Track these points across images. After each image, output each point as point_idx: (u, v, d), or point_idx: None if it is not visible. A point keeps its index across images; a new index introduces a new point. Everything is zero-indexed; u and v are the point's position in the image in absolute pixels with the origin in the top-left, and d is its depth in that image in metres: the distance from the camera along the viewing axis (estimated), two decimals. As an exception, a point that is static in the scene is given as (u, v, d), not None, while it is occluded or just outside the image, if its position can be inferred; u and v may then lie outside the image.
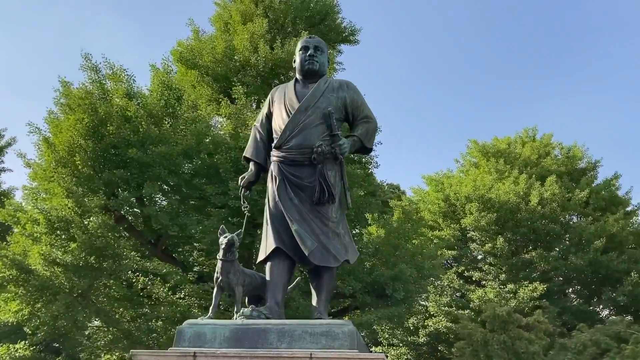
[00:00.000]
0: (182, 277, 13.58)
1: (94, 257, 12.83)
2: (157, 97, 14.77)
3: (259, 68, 17.60)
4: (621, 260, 26.05)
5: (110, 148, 13.87)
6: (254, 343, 6.56)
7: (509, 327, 14.86)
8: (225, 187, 13.60)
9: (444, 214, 28.87)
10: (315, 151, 7.52)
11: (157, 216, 13.39)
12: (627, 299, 24.60)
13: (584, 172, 32.41)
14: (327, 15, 22.12)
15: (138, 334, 13.84)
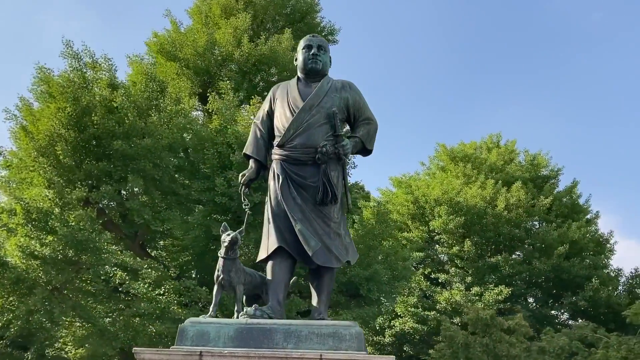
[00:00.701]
0: (163, 273, 13.30)
1: (73, 250, 12.42)
2: (141, 88, 14.41)
3: (242, 63, 17.40)
4: (582, 266, 26.86)
5: (92, 139, 13.45)
6: (260, 343, 6.49)
7: (492, 330, 15.15)
8: (211, 183, 13.39)
9: (412, 215, 29.19)
10: (319, 151, 7.50)
11: (139, 211, 13.06)
12: (587, 303, 25.36)
13: (547, 180, 33.26)
14: (308, 13, 22.09)
15: (114, 330, 13.49)
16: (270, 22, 20.94)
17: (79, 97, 13.36)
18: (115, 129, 13.13)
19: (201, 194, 13.51)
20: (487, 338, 14.94)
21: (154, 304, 12.75)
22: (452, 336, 15.56)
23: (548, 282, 27.62)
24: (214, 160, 13.59)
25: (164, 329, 12.87)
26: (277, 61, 17.68)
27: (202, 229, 13.21)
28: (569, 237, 27.66)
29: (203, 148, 13.77)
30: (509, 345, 14.41)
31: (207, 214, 13.30)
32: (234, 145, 13.49)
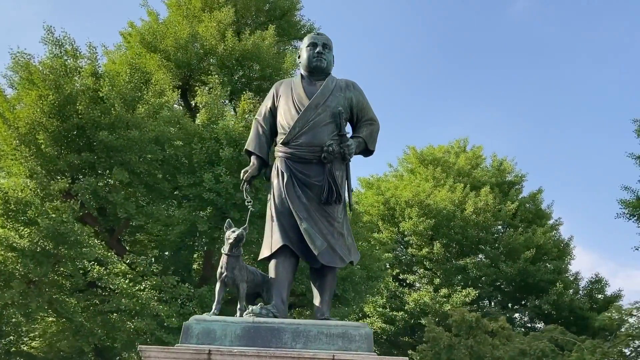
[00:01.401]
0: (145, 268, 12.99)
1: (53, 243, 11.98)
2: (125, 79, 14.02)
3: (225, 57, 17.17)
4: (547, 271, 27.56)
5: (75, 129, 13.00)
6: (267, 342, 6.42)
7: (476, 332, 15.38)
8: (197, 178, 13.13)
9: (382, 217, 29.40)
10: (325, 150, 7.48)
11: (123, 204, 12.70)
12: (551, 307, 26.02)
13: (512, 185, 33.99)
14: (289, 10, 21.98)
15: (90, 326, 13.07)
16: (251, 18, 20.74)
17: (62, 85, 12.91)
18: (101, 119, 12.73)
19: (187, 189, 13.25)
20: (471, 340, 15.18)
21: (134, 300, 12.44)
22: (435, 337, 15.74)
23: (513, 285, 28.21)
24: (202, 155, 13.34)
25: (144, 325, 12.57)
26: (261, 58, 17.53)
27: (186, 224, 12.97)
28: (535, 242, 28.34)
29: (190, 142, 13.50)
30: (492, 347, 14.69)
31: (192, 209, 13.05)
32: (223, 140, 13.29)
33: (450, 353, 14.96)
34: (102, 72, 13.73)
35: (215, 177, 12.85)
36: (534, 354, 14.64)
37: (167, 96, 14.53)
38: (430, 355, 15.11)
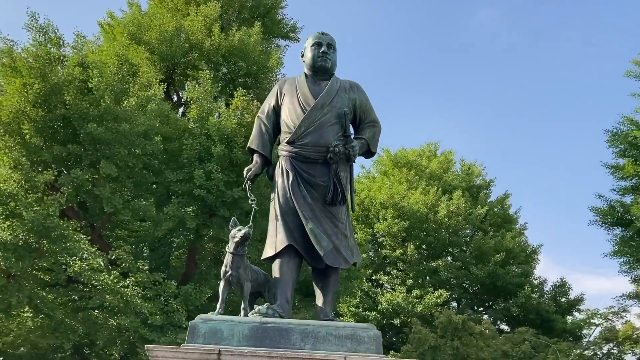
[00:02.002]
0: (132, 264, 12.70)
1: (36, 237, 11.56)
2: (113, 70, 13.66)
3: (211, 53, 16.93)
4: (515, 274, 28.13)
5: (61, 120, 12.59)
6: (276, 342, 6.37)
7: (461, 334, 15.58)
8: (186, 175, 12.88)
9: (357, 217, 29.52)
10: (331, 150, 7.45)
11: (109, 198, 12.36)
12: (519, 309, 26.57)
13: (480, 189, 34.58)
14: (273, 8, 21.85)
15: (71, 323, 12.68)
16: (234, 14, 20.51)
17: (48, 74, 12.50)
18: (89, 111, 12.37)
19: (176, 185, 13.00)
20: (457, 341, 15.37)
21: (118, 296, 12.13)
22: (421, 339, 15.88)
23: (483, 288, 28.70)
24: (192, 151, 13.11)
25: (128, 322, 12.28)
26: (247, 54, 17.34)
27: (174, 220, 12.74)
28: (504, 246, 28.89)
29: (179, 137, 13.25)
30: (477, 348, 14.91)
31: (181, 205, 12.82)
32: (215, 137, 13.09)
33: (435, 354, 15.14)
34: (89, 62, 13.35)
35: (206, 173, 12.66)
36: (515, 356, 14.94)
37: (154, 89, 14.23)
38: (415, 355, 15.26)
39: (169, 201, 13.39)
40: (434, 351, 15.22)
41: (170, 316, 12.70)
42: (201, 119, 13.58)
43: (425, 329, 16.23)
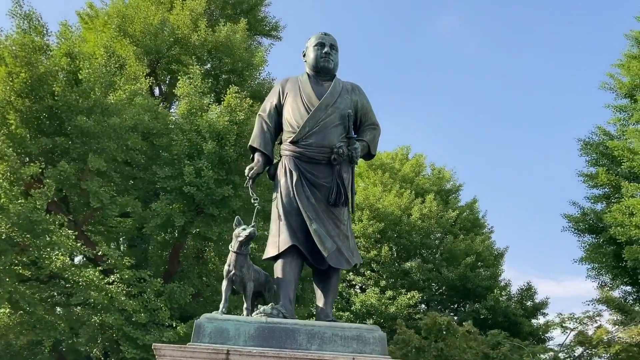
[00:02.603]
0: (118, 261, 12.43)
1: (20, 230, 11.17)
2: (101, 62, 13.32)
3: (197, 48, 16.71)
4: (484, 277, 28.64)
5: (48, 111, 12.22)
6: (282, 343, 6.38)
7: (445, 336, 15.78)
8: (175, 171, 12.67)
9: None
10: (335, 152, 7.49)
11: (97, 193, 12.06)
12: (488, 312, 27.03)
13: (450, 193, 35.11)
14: (256, 5, 21.72)
15: (52, 319, 12.31)
16: (218, 10, 20.30)
17: (34, 63, 12.12)
18: (79, 103, 12.04)
19: (164, 181, 12.79)
20: (441, 343, 15.59)
21: (103, 293, 11.84)
22: (405, 340, 16.04)
23: (453, 290, 29.13)
24: (182, 147, 12.91)
25: (112, 320, 12.02)
26: (233, 51, 17.16)
27: (162, 217, 12.55)
28: (474, 249, 29.38)
29: (168, 133, 13.04)
30: (460, 350, 15.15)
31: (169, 202, 12.62)
32: (206, 133, 12.93)
33: (419, 355, 15.31)
34: (77, 53, 13.00)
35: (197, 170, 12.51)
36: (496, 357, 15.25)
37: (140, 83, 13.95)
38: (399, 356, 15.39)
39: (155, 197, 13.18)
40: (418, 352, 15.42)
41: (154, 314, 12.51)
42: (190, 115, 13.41)
43: (410, 331, 16.41)
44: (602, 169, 18.33)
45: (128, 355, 12.04)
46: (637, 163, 16.69)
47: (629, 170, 17.23)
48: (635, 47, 21.13)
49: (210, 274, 14.73)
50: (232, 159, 12.87)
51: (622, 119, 19.99)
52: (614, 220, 16.36)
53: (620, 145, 17.65)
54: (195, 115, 13.37)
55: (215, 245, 14.22)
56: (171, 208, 12.36)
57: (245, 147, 13.32)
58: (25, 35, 12.82)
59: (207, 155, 12.48)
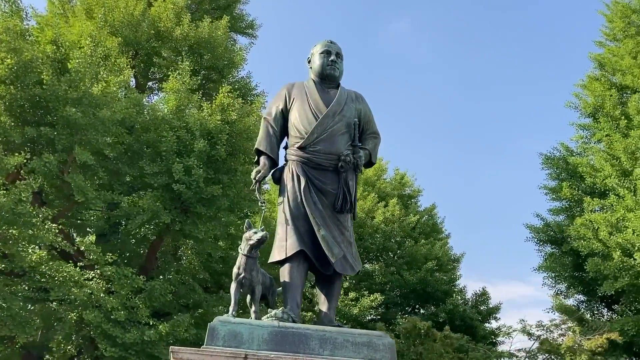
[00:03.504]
0: (100, 257, 12.14)
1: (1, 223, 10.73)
2: (87, 51, 12.92)
3: (179, 42, 16.48)
4: (443, 282, 29.36)
5: (34, 99, 11.77)
6: (295, 347, 6.53)
7: (425, 341, 16.08)
8: (162, 167, 12.46)
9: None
10: (343, 159, 7.70)
11: (81, 186, 11.72)
12: (446, 316, 27.70)
13: (410, 198, 35.80)
14: (234, 2, 21.58)
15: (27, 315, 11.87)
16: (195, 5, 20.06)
17: (20, 49, 11.66)
18: (67, 93, 11.66)
19: (151, 178, 12.57)
20: (420, 347, 15.89)
21: (83, 289, 11.53)
22: None
23: (413, 293, 29.71)
24: (172, 144, 12.71)
25: (92, 317, 11.72)
26: (216, 48, 17.00)
27: (148, 214, 12.35)
28: (434, 254, 30.07)
29: (156, 128, 12.84)
30: (438, 354, 15.50)
31: (155, 199, 12.41)
32: (196, 131, 12.79)
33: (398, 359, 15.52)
34: (63, 41, 12.58)
35: (186, 168, 12.38)
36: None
37: (124, 75, 13.63)
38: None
39: (140, 193, 12.95)
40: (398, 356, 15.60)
41: (134, 311, 12.31)
42: (179, 111, 13.24)
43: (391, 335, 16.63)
44: (565, 183, 19.16)
45: (107, 353, 11.81)
46: (599, 180, 17.55)
47: (591, 186, 18.09)
48: (597, 69, 22.18)
49: (185, 272, 14.61)
50: (221, 159, 12.82)
51: (584, 137, 20.98)
52: (577, 233, 17.16)
53: (584, 162, 18.50)
54: (183, 112, 13.21)
55: (196, 243, 14.09)
56: (158, 205, 12.21)
57: (236, 147, 13.38)
58: (8, 19, 12.36)
59: (197, 154, 12.39)
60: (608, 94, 19.40)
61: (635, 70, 19.08)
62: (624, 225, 15.81)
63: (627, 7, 23.18)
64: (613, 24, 23.84)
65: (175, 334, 12.18)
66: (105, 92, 12.14)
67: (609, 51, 22.89)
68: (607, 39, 24.28)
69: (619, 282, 15.38)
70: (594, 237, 16.45)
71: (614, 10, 23.89)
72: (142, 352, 12.05)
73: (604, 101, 19.24)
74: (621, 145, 16.42)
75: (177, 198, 12.68)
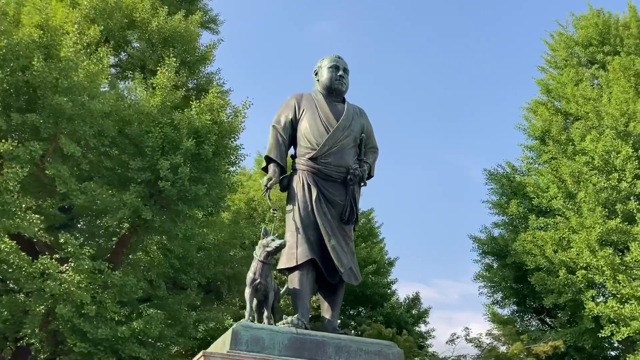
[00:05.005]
0: (77, 250, 11.68)
1: None
2: (73, 39, 12.35)
3: (153, 34, 16.06)
4: (381, 285, 30.29)
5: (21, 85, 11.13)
6: (313, 354, 6.85)
7: None
8: (147, 163, 12.15)
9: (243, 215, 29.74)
10: (352, 172, 8.11)
11: (65, 178, 11.21)
12: (383, 318, 28.60)
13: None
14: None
15: None
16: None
17: (8, 31, 11.03)
18: (58, 82, 11.13)
19: (134, 173, 12.25)
20: None
21: (57, 282, 11.05)
22: None
23: (352, 295, 30.41)
24: (158, 141, 12.43)
25: (66, 311, 11.29)
26: (190, 43, 16.69)
27: (130, 209, 12.03)
28: (373, 257, 30.96)
29: (141, 123, 12.51)
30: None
31: (137, 195, 12.10)
32: (184, 129, 12.57)
33: None
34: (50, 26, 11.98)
35: (173, 166, 12.18)
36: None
37: (104, 64, 13.13)
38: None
39: (121, 187, 12.61)
40: None
41: (103, 306, 11.97)
42: (164, 107, 12.99)
43: None
44: (514, 200, 20.34)
45: (76, 349, 11.45)
46: (545, 200, 18.77)
47: (537, 205, 19.31)
48: (544, 95, 23.65)
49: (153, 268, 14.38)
50: (208, 158, 12.75)
51: (529, 157, 22.34)
52: (523, 248, 18.29)
53: (531, 181, 19.72)
54: (168, 108, 12.98)
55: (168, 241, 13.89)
56: (140, 200, 11.96)
57: (222, 147, 13.38)
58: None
59: (183, 153, 12.25)
60: (554, 119, 20.77)
61: (579, 99, 20.51)
62: (568, 244, 17.02)
63: (570, 38, 24.86)
64: (556, 52, 25.49)
65: (146, 331, 12.00)
66: (94, 83, 11.75)
67: (550, 77, 24.48)
68: (549, 66, 25.93)
69: (562, 297, 16.59)
70: (540, 253, 17.60)
71: (558, 40, 25.54)
72: (110, 349, 11.78)
73: (550, 126, 20.58)
74: (568, 170, 17.65)
75: (158, 194, 12.51)
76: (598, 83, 22.31)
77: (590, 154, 17.96)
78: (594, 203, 16.76)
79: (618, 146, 17.48)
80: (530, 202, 19.80)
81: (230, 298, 18.76)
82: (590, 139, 18.17)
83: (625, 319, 14.47)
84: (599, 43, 23.04)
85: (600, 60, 22.49)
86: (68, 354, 12.04)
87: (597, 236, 15.92)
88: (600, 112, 18.94)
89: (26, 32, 11.41)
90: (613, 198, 16.99)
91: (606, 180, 17.22)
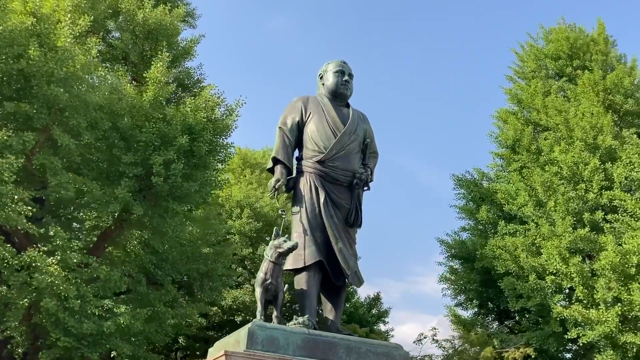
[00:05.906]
0: (65, 243, 11.34)
1: None
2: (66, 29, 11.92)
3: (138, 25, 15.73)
4: (346, 285, 30.68)
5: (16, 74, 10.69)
6: (325, 354, 7.06)
7: None
8: (139, 157, 11.89)
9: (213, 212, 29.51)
10: (358, 177, 8.35)
11: (56, 170, 10.85)
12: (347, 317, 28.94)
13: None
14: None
15: None
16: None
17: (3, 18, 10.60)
18: (54, 72, 10.77)
19: (126, 167, 11.98)
20: None
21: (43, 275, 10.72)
22: None
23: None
24: (152, 136, 12.20)
25: (52, 305, 10.96)
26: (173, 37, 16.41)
27: (121, 203, 11.78)
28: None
29: (133, 117, 12.25)
30: None
31: (129, 189, 11.86)
32: (177, 125, 12.38)
33: None
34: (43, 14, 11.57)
35: (166, 162, 11.98)
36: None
37: (93, 55, 12.76)
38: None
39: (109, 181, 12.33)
40: None
41: (87, 300, 11.68)
42: (156, 102, 12.77)
43: None
44: (484, 206, 20.86)
45: (60, 343, 11.16)
46: (515, 206, 19.36)
47: (508, 211, 19.89)
48: (514, 105, 24.29)
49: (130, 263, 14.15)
50: (201, 155, 12.63)
51: (499, 165, 22.95)
52: (492, 252, 18.82)
53: (502, 188, 20.30)
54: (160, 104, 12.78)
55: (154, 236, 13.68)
56: (131, 195, 11.75)
57: (215, 144, 13.31)
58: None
59: (178, 148, 12.09)
60: (525, 129, 21.40)
61: (550, 110, 21.19)
62: (538, 251, 17.61)
63: (540, 51, 25.59)
64: (525, 63, 26.21)
65: (131, 327, 11.82)
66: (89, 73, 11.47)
67: (518, 87, 25.15)
68: (517, 76, 26.66)
69: (531, 301, 17.16)
70: (510, 258, 18.15)
71: (528, 52, 26.26)
72: (95, 344, 11.55)
73: (521, 135, 21.20)
74: (540, 179, 18.24)
75: (148, 189, 12.32)
76: (565, 95, 23.06)
77: (560, 165, 18.61)
78: (564, 212, 17.40)
79: (586, 158, 18.20)
80: (499, 209, 20.38)
81: (202, 295, 18.61)
82: (560, 150, 18.83)
83: (591, 323, 15.13)
84: (568, 57, 23.81)
85: (569, 74, 23.25)
86: (49, 349, 11.75)
87: (567, 244, 16.56)
88: (570, 124, 19.62)
89: (18, 19, 11.03)
90: (580, 208, 17.67)
91: (574, 190, 17.91)
